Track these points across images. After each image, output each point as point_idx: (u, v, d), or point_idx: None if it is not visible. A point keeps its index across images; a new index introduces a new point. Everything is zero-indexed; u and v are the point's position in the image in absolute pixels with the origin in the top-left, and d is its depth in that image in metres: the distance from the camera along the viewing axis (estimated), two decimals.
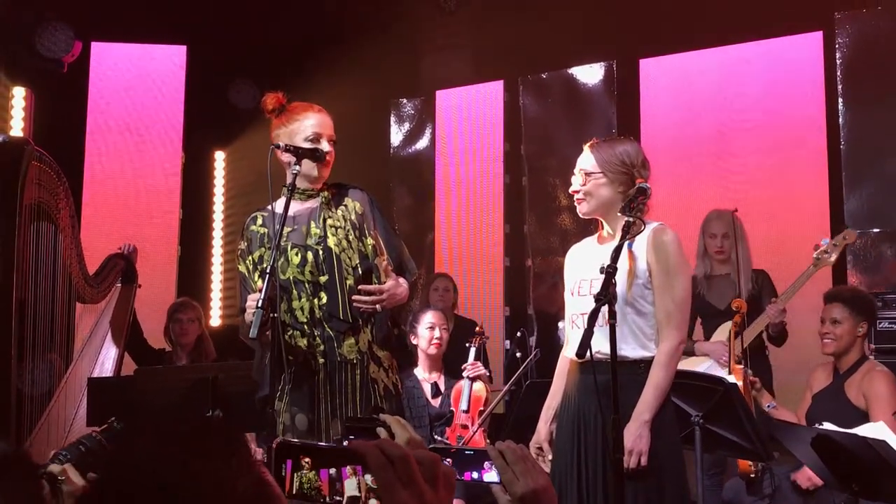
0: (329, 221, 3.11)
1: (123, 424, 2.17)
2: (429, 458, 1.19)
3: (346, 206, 3.16)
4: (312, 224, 3.11)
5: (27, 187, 3.81)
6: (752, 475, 4.17)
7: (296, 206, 3.13)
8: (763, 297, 4.62)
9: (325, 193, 3.17)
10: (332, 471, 1.26)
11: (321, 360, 3.06)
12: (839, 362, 4.08)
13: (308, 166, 3.11)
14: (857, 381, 3.96)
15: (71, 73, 6.13)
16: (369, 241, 3.11)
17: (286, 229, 3.06)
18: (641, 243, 2.86)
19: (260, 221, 3.20)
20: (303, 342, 3.08)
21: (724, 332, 4.43)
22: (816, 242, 4.37)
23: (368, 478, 1.21)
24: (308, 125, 3.14)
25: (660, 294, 2.83)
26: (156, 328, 5.22)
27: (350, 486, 1.24)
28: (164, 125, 6.64)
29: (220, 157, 7.22)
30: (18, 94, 5.72)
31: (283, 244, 3.06)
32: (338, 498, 1.25)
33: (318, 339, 3.06)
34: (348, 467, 1.24)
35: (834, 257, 4.33)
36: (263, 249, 3.14)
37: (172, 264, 6.56)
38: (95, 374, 4.22)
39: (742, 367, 4.12)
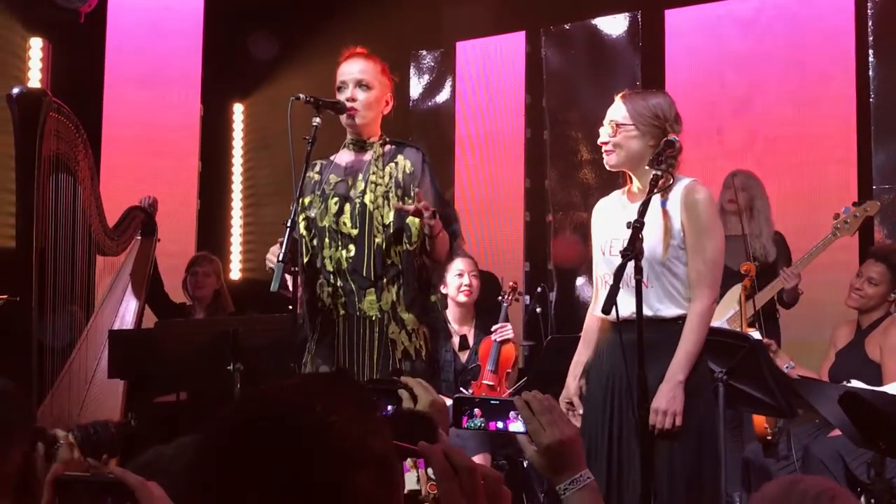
0: (372, 177, 3.07)
1: (138, 422, 2.17)
2: (492, 476, 1.19)
3: (396, 163, 3.10)
4: (360, 177, 3.09)
5: (46, 139, 3.79)
6: (769, 437, 4.14)
7: (350, 157, 3.15)
8: (778, 260, 4.57)
9: (378, 148, 3.12)
10: None
11: (342, 313, 3.05)
12: (862, 318, 4.06)
13: (342, 118, 3.09)
14: (878, 335, 3.94)
15: (88, 23, 6.06)
16: (410, 201, 3.03)
17: (336, 179, 3.08)
18: (675, 201, 2.80)
19: (317, 168, 3.20)
20: (327, 291, 3.06)
21: (734, 294, 4.37)
22: (837, 211, 4.29)
23: (430, 471, 1.19)
24: (339, 75, 3.13)
25: (692, 253, 2.78)
26: (175, 282, 5.22)
27: (410, 480, 1.22)
28: (182, 77, 6.58)
29: (238, 109, 7.16)
30: (36, 45, 5.67)
31: (328, 192, 3.08)
32: None
33: (340, 290, 3.05)
34: (409, 460, 1.22)
35: (854, 228, 4.25)
36: (314, 195, 3.13)
37: (192, 217, 6.55)
38: (116, 327, 4.23)
39: (755, 329, 4.08)
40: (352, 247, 3.04)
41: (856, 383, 3.22)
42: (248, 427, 0.97)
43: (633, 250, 2.44)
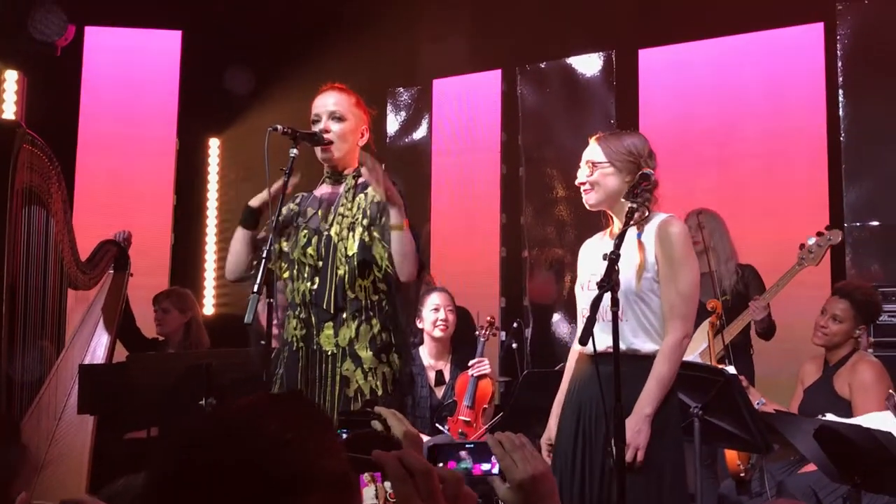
0: (341, 209, 3.06)
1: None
2: (453, 477, 1.17)
3: (366, 194, 3.09)
4: (331, 209, 3.08)
5: (18, 171, 3.75)
6: (742, 474, 4.14)
7: (327, 189, 3.16)
8: (750, 292, 4.60)
9: (350, 180, 3.12)
10: None
11: (301, 345, 3.02)
12: (829, 355, 4.08)
13: (318, 150, 3.11)
14: (846, 372, 3.95)
15: (64, 57, 6.06)
16: (375, 232, 3.02)
17: (311, 211, 3.10)
18: (650, 234, 2.81)
19: (297, 200, 3.21)
20: (292, 324, 3.05)
21: (701, 331, 4.37)
22: (803, 241, 4.34)
23: (388, 485, 1.16)
24: (314, 108, 3.13)
25: (665, 285, 2.78)
26: (148, 317, 5.16)
27: (368, 495, 1.19)
28: (159, 111, 6.58)
29: (214, 143, 7.16)
30: (10, 78, 5.66)
31: (301, 224, 3.09)
32: None
33: (303, 323, 3.02)
34: (366, 475, 1.19)
35: (819, 258, 4.29)
36: (290, 228, 3.14)
37: (166, 252, 6.51)
38: (87, 361, 4.16)
39: (726, 365, 4.08)
40: (316, 279, 3.02)
41: (831, 417, 3.22)
42: (196, 449, 0.94)
43: (609, 282, 2.44)
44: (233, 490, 0.90)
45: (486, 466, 1.54)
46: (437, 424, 4.46)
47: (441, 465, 1.55)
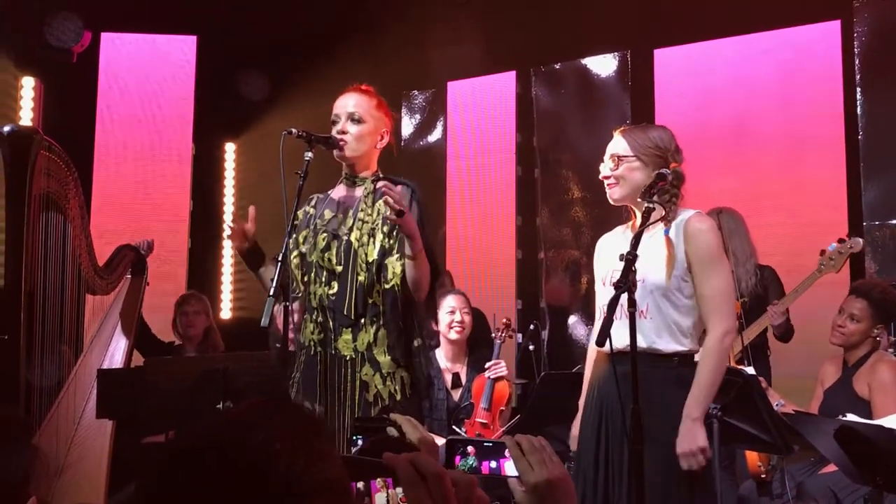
0: (360, 214, 3.04)
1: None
2: (465, 480, 1.14)
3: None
4: (350, 213, 3.06)
5: (36, 177, 3.77)
6: (763, 475, 4.11)
7: (344, 192, 3.13)
8: (769, 294, 4.57)
9: (369, 184, 3.10)
10: (361, 484, 1.19)
11: (319, 350, 3.01)
12: (848, 355, 4.04)
13: (334, 152, 3.08)
14: (865, 372, 3.91)
15: (80, 63, 6.10)
16: (394, 239, 2.99)
17: (329, 214, 3.07)
18: (678, 232, 2.76)
19: (313, 203, 3.19)
20: (309, 328, 3.04)
21: None
22: (824, 248, 4.30)
23: (399, 491, 1.14)
24: (334, 110, 3.11)
25: (701, 284, 2.73)
26: (166, 321, 5.19)
27: (380, 501, 1.17)
28: (175, 116, 6.61)
29: (230, 148, 7.18)
30: (28, 84, 5.70)
31: (319, 227, 3.06)
32: None
33: (321, 327, 3.02)
34: (378, 480, 1.17)
35: (840, 265, 4.25)
36: (308, 230, 3.11)
37: (183, 256, 6.53)
38: (105, 366, 4.18)
39: (745, 366, 4.06)
40: (335, 284, 3.00)
41: (852, 417, 3.19)
42: (185, 459, 0.92)
43: (626, 282, 2.42)
44: (222, 502, 0.88)
45: (493, 465, 1.53)
46: (453, 427, 4.45)
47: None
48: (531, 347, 5.26)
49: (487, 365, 4.54)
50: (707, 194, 5.65)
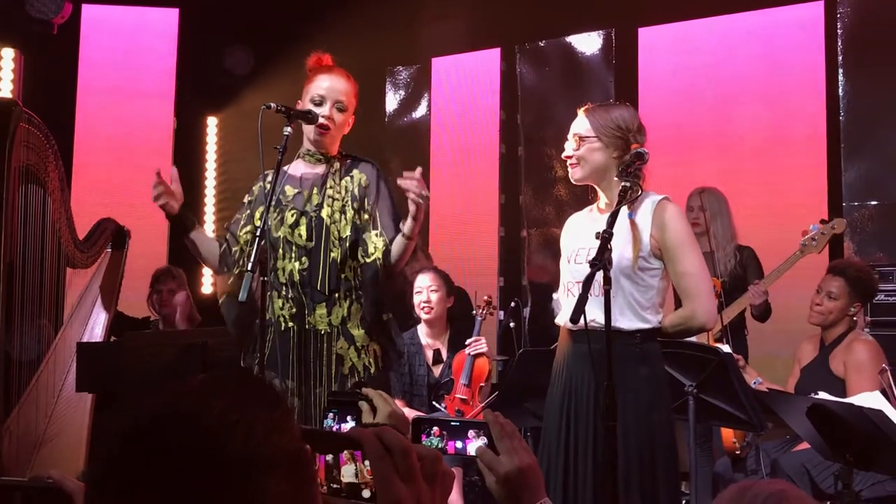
0: (329, 191, 3.06)
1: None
2: (430, 455, 1.14)
3: (351, 176, 3.11)
4: (315, 190, 3.09)
5: (15, 150, 3.73)
6: (738, 452, 4.16)
7: (306, 169, 3.14)
8: (748, 274, 4.60)
9: (335, 162, 3.12)
10: (329, 457, 1.20)
11: (291, 325, 3.03)
12: (825, 334, 4.08)
13: (307, 129, 3.10)
14: (841, 351, 3.96)
15: (61, 35, 6.04)
16: (366, 215, 3.05)
17: (292, 191, 3.08)
18: (645, 215, 2.77)
19: (269, 178, 3.16)
20: (278, 303, 3.05)
21: None
22: (804, 229, 4.33)
23: (367, 464, 1.15)
24: (318, 86, 3.10)
25: (674, 267, 2.75)
26: (143, 293, 5.19)
27: (348, 473, 1.18)
28: (156, 90, 6.56)
29: (212, 122, 7.14)
30: (7, 56, 5.64)
31: (283, 202, 3.08)
32: (335, 486, 1.19)
33: (291, 302, 3.03)
34: (346, 453, 1.18)
35: (822, 246, 4.29)
36: (267, 207, 3.08)
37: (163, 230, 6.50)
38: (85, 340, 4.17)
39: (723, 344, 4.10)
40: (305, 259, 3.03)
41: (823, 395, 3.23)
42: (140, 431, 0.90)
43: (601, 260, 2.43)
44: (181, 475, 0.87)
45: (459, 445, 1.54)
46: (434, 402, 4.47)
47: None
48: (512, 325, 5.29)
49: (468, 341, 4.57)
50: (689, 171, 5.69)
